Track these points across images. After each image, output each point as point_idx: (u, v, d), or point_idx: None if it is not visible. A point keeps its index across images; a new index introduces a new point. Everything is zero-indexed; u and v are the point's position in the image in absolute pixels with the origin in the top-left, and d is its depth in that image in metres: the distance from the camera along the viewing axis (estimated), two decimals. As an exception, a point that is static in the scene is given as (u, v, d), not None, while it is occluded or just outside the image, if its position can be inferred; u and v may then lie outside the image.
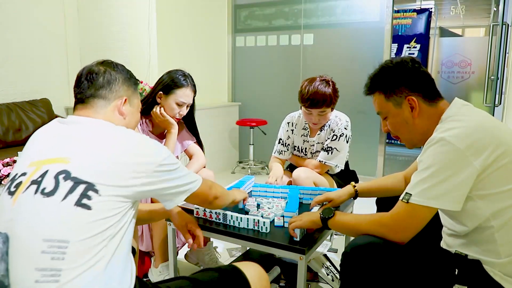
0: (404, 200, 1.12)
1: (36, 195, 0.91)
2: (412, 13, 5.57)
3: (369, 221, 1.21)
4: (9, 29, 3.55)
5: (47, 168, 0.94)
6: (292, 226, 1.40)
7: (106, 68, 1.14)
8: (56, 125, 1.06)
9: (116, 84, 1.14)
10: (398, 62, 1.27)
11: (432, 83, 1.26)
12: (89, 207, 0.89)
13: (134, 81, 1.22)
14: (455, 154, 1.06)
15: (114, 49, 3.90)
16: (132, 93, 1.19)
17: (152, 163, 1.00)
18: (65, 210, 0.88)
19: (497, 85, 3.50)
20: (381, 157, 3.94)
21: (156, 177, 1.01)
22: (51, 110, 3.76)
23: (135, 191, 0.97)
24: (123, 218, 0.95)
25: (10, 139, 3.39)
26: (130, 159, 0.97)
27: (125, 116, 1.15)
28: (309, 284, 1.91)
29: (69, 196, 0.89)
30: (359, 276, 1.16)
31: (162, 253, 1.89)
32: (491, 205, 1.08)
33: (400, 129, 1.30)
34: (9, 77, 3.59)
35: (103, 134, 1.01)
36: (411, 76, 1.24)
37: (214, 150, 4.26)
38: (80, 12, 4.08)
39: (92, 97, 1.10)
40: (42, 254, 0.85)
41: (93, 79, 1.11)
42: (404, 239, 1.13)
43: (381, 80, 1.29)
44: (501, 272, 1.09)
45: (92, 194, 0.90)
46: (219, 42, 4.49)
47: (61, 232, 0.87)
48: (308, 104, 2.10)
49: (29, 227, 0.89)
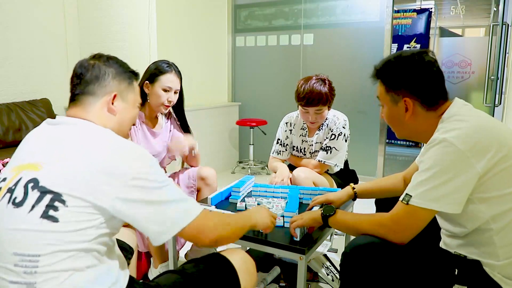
0: (404, 201, 1.11)
1: (8, 205, 0.89)
2: (412, 13, 5.57)
3: (369, 221, 1.21)
4: (9, 29, 3.54)
5: (22, 175, 0.92)
6: (294, 226, 1.40)
7: (95, 62, 1.08)
8: (44, 127, 1.03)
9: (105, 79, 1.07)
10: (407, 59, 1.21)
11: (437, 87, 1.20)
12: (56, 219, 0.86)
13: (130, 75, 1.13)
14: (457, 156, 1.05)
15: (114, 49, 3.90)
16: (125, 87, 1.11)
17: (126, 174, 0.90)
18: (32, 222, 0.86)
19: (497, 85, 3.50)
20: (381, 157, 3.94)
21: (128, 193, 0.89)
22: (51, 110, 3.76)
23: (108, 205, 0.88)
24: (96, 231, 0.89)
25: (10, 139, 3.39)
26: (104, 167, 0.89)
27: (115, 113, 1.08)
28: (309, 284, 1.91)
29: (35, 207, 0.87)
30: (359, 276, 1.16)
31: (161, 253, 1.89)
32: (491, 208, 1.08)
33: (392, 123, 1.29)
34: (9, 77, 3.59)
35: (82, 139, 0.96)
36: (413, 80, 1.19)
37: (214, 150, 4.26)
38: (80, 12, 4.08)
39: (81, 94, 1.06)
40: (15, 267, 0.85)
41: (82, 75, 1.06)
42: (403, 240, 1.13)
43: (386, 74, 1.25)
44: (500, 274, 1.09)
45: (59, 205, 0.86)
46: (219, 42, 4.49)
47: (31, 246, 0.85)
48: (304, 103, 2.10)
49: (1, 240, 0.87)
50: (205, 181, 2.08)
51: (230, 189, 1.90)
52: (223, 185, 1.97)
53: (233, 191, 1.87)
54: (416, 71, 1.19)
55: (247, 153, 4.50)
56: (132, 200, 0.90)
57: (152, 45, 3.64)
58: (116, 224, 0.95)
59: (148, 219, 0.92)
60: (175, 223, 0.95)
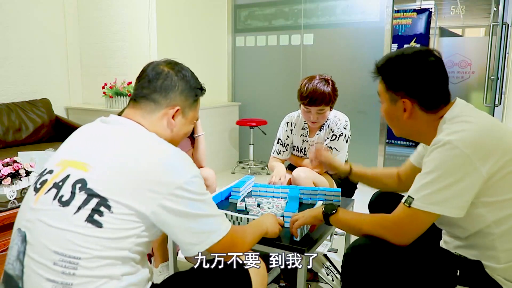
0: (406, 203, 1.09)
1: (54, 202, 0.90)
2: (412, 13, 5.57)
3: (370, 221, 1.19)
4: (9, 29, 3.54)
5: (70, 172, 0.93)
6: (296, 226, 1.38)
7: (169, 70, 1.07)
8: (97, 124, 1.03)
9: (174, 92, 1.05)
10: (409, 58, 1.17)
11: (438, 90, 1.17)
12: (100, 225, 0.87)
13: (197, 92, 1.12)
14: (461, 159, 1.02)
15: (114, 49, 3.90)
16: (189, 104, 1.10)
17: (172, 183, 0.90)
18: (77, 225, 0.87)
19: (497, 85, 3.50)
20: (381, 157, 3.94)
21: (171, 201, 0.90)
22: (51, 110, 3.76)
23: (150, 212, 0.89)
24: (136, 239, 0.91)
25: (10, 139, 3.39)
26: (149, 175, 0.90)
27: (173, 128, 1.07)
28: (309, 284, 1.91)
29: (81, 209, 0.87)
30: (360, 277, 1.15)
31: (161, 253, 1.89)
32: (494, 212, 1.06)
33: (390, 121, 1.27)
34: (9, 77, 3.59)
35: (132, 143, 0.96)
36: (413, 82, 1.15)
37: (214, 150, 4.26)
38: (80, 12, 4.08)
39: (145, 98, 1.04)
40: (54, 265, 0.86)
41: (153, 80, 1.05)
42: (405, 242, 1.11)
43: (386, 72, 1.21)
44: (500, 276, 1.08)
45: (104, 210, 0.87)
46: (219, 42, 4.49)
47: (72, 248, 0.86)
48: (307, 102, 2.10)
49: (43, 235, 0.88)
50: (206, 182, 2.08)
51: (230, 189, 1.90)
52: (223, 185, 1.97)
53: (233, 191, 1.87)
54: (417, 73, 1.15)
55: (247, 153, 4.50)
56: (173, 209, 0.91)
57: (152, 45, 3.64)
58: (156, 232, 0.96)
59: (184, 230, 0.94)
60: (208, 237, 0.97)
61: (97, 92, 3.93)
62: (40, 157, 2.22)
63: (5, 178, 1.89)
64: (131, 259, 0.92)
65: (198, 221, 0.95)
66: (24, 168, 1.97)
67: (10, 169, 1.92)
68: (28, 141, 3.52)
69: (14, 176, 1.93)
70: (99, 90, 3.83)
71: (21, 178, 1.96)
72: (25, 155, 2.20)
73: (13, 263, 0.91)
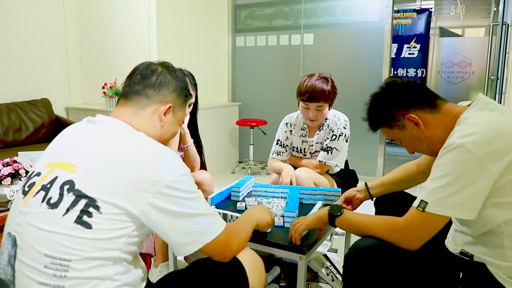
0: (419, 208, 1.08)
1: (42, 204, 0.89)
2: (412, 13, 5.57)
3: (380, 225, 1.17)
4: (9, 29, 3.54)
5: (57, 173, 0.92)
6: (300, 231, 1.35)
7: (163, 70, 1.09)
8: (84, 124, 1.03)
9: (167, 89, 1.07)
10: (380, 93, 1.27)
11: (420, 90, 1.22)
12: (90, 226, 0.86)
13: (186, 94, 1.14)
14: (474, 162, 1.02)
15: (114, 49, 3.90)
16: (179, 104, 1.12)
17: (161, 181, 0.89)
18: (66, 226, 0.86)
19: (497, 85, 3.50)
20: (381, 157, 3.94)
21: (160, 200, 0.89)
22: (51, 110, 3.76)
23: (139, 211, 0.89)
24: (127, 239, 0.90)
25: (10, 139, 3.39)
26: (138, 174, 0.89)
27: (163, 124, 1.08)
28: (309, 284, 1.91)
29: (70, 211, 0.87)
30: (362, 278, 1.14)
31: (163, 252, 1.89)
32: (504, 213, 1.06)
33: (417, 146, 1.26)
34: (9, 77, 3.59)
35: (120, 142, 0.95)
36: (400, 96, 1.21)
37: (214, 150, 4.26)
38: (80, 12, 4.08)
39: (137, 93, 1.05)
40: (44, 268, 0.85)
41: (147, 76, 1.06)
42: (415, 247, 1.11)
43: (377, 117, 1.29)
44: (505, 275, 1.08)
45: (93, 211, 0.87)
46: (219, 42, 4.49)
47: (62, 250, 0.85)
48: (306, 98, 2.10)
49: (33, 238, 0.88)
50: (201, 187, 2.05)
51: (230, 189, 1.90)
52: (223, 185, 1.97)
53: (233, 191, 1.87)
54: (397, 87, 1.23)
55: (247, 153, 4.50)
56: (162, 208, 0.90)
57: (152, 45, 3.64)
58: (147, 232, 0.96)
59: (175, 230, 0.92)
60: (200, 237, 0.95)
61: (97, 92, 3.93)
62: (40, 157, 2.21)
63: (5, 178, 1.89)
64: (123, 259, 0.91)
65: (189, 220, 0.93)
66: (24, 168, 1.97)
67: (10, 169, 1.92)
68: (28, 141, 3.52)
69: (14, 176, 1.92)
70: (99, 90, 3.83)
71: (21, 178, 1.96)
72: (25, 155, 2.20)
73: (5, 268, 0.90)
